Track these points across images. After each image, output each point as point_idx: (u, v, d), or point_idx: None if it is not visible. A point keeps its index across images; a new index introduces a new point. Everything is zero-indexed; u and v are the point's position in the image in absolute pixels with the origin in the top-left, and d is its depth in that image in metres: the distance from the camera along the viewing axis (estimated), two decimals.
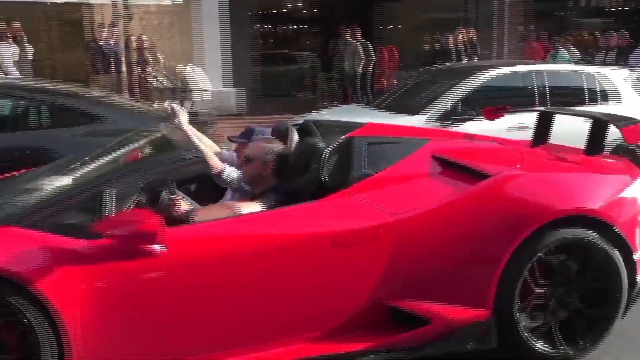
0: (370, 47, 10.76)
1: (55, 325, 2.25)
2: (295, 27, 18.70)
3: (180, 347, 2.47)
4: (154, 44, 9.80)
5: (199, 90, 9.48)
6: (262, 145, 3.06)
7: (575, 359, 2.82)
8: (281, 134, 3.24)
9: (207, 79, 9.82)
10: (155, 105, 5.98)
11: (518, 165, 2.91)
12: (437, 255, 2.69)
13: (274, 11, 17.22)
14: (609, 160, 3.32)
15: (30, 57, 9.26)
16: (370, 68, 10.80)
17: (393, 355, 2.67)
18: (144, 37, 9.23)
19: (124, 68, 7.98)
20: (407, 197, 2.76)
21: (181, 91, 9.49)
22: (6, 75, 8.42)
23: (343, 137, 2.98)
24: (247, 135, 3.32)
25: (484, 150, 3.24)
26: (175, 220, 2.60)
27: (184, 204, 2.77)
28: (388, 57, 11.52)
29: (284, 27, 18.80)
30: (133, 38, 9.01)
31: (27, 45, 9.22)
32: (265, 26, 17.38)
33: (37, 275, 2.24)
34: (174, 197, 2.75)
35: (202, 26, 10.81)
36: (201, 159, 2.90)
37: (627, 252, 2.87)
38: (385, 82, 11.07)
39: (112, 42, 8.77)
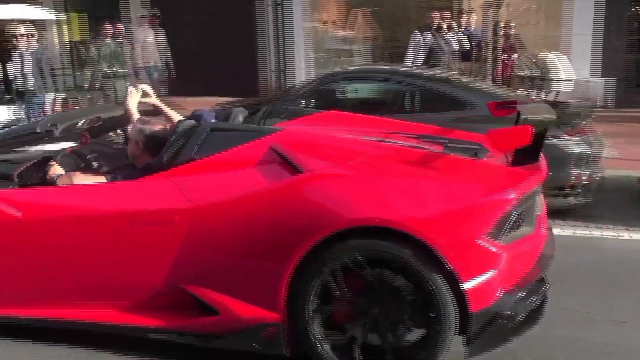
0: None
1: None
2: None
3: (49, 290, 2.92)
4: (518, 31, 9.64)
5: (559, 80, 8.96)
6: (137, 126, 3.29)
7: None
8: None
9: (572, 69, 9.21)
10: None
11: (349, 163, 2.69)
12: (228, 248, 2.62)
13: None
14: (498, 170, 2.78)
15: None
16: None
17: (183, 339, 2.72)
18: (512, 24, 9.11)
19: (489, 54, 8.01)
20: (214, 185, 2.70)
21: (539, 79, 9.11)
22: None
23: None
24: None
25: (332, 144, 2.89)
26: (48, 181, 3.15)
27: (56, 169, 3.23)
28: None
29: None
30: (501, 24, 8.98)
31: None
32: None
33: None
34: (52, 162, 3.27)
35: (574, 10, 10.17)
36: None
37: (451, 279, 2.42)
38: None
39: (471, 28, 8.96)
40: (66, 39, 13.54)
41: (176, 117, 3.77)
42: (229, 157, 2.85)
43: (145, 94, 4.02)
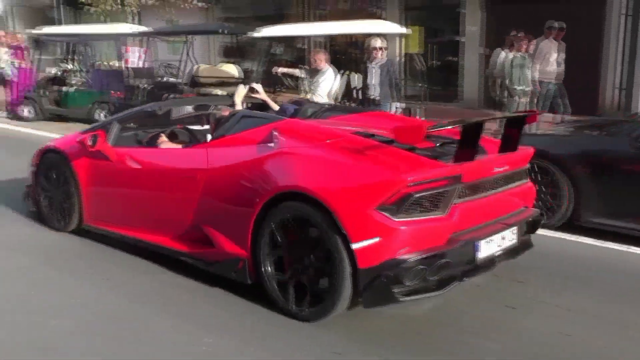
0: None
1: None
2: None
3: (124, 214, 4.67)
4: None
5: None
6: (213, 112, 5.02)
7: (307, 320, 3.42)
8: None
9: None
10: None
11: (306, 146, 3.67)
12: (222, 199, 3.87)
13: None
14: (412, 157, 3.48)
15: None
16: None
17: (196, 262, 4.01)
18: None
19: None
20: (225, 154, 3.97)
21: None
22: None
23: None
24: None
25: (310, 132, 3.84)
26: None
27: (162, 138, 4.91)
28: None
29: None
30: None
31: None
32: None
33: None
34: (160, 133, 4.99)
35: None
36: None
37: (344, 239, 3.24)
38: None
39: None
40: (404, 51, 14.45)
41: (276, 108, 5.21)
42: (244, 136, 4.04)
43: (253, 90, 5.47)
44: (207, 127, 5.16)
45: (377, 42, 7.49)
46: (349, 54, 10.54)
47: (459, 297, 3.86)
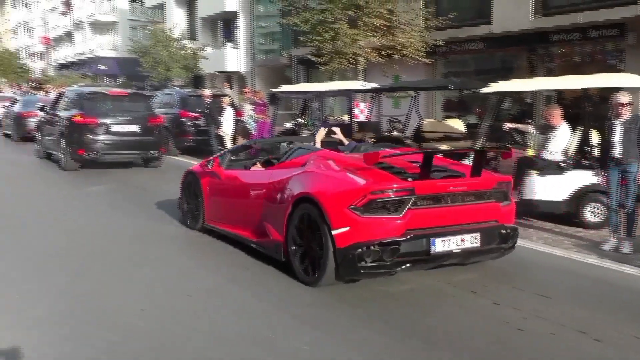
0: None
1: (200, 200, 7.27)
2: None
3: (226, 216, 6.82)
4: None
5: None
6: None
7: (310, 284, 5.28)
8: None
9: None
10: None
11: (322, 167, 5.67)
12: (273, 203, 5.88)
13: None
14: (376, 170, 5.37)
15: None
16: None
17: (261, 249, 6.04)
18: None
19: None
20: (280, 173, 6.00)
21: None
22: None
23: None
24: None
25: (333, 159, 5.82)
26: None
27: (258, 165, 7.03)
28: None
29: None
30: None
31: None
32: None
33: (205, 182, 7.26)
34: (255, 161, 7.41)
35: None
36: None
37: (328, 228, 5.07)
38: None
39: None
40: None
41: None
42: (294, 161, 6.08)
43: (332, 132, 7.98)
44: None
45: (623, 98, 6.91)
46: (581, 109, 9.94)
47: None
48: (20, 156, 15.93)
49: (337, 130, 8.02)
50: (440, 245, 5.08)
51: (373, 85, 12.84)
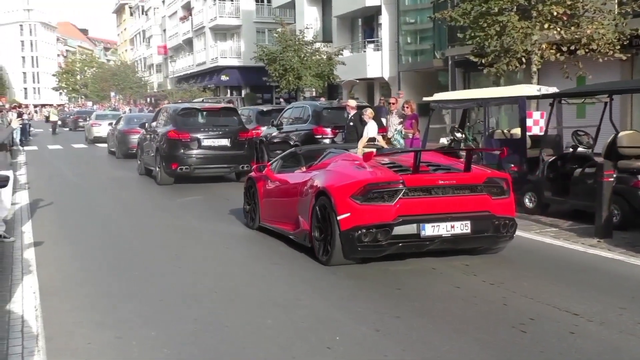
0: None
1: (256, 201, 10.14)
2: None
3: (274, 214, 9.51)
4: None
5: None
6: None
7: (325, 264, 7.76)
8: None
9: None
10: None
11: (338, 165, 8.37)
12: (304, 197, 8.38)
13: None
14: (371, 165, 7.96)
15: None
16: None
17: (294, 238, 8.71)
18: None
19: None
20: (313, 173, 8.53)
21: None
22: None
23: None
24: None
25: (352, 159, 8.54)
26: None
27: (303, 168, 9.47)
28: None
29: None
30: None
31: None
32: None
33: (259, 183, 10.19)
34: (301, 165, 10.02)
35: None
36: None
37: (334, 212, 7.47)
38: None
39: None
40: None
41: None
42: (324, 162, 8.75)
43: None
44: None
45: None
46: None
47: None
48: (122, 172, 19.53)
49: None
50: (430, 229, 7.31)
51: (552, 89, 12.46)
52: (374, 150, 9.58)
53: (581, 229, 9.73)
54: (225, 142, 15.88)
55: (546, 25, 16.15)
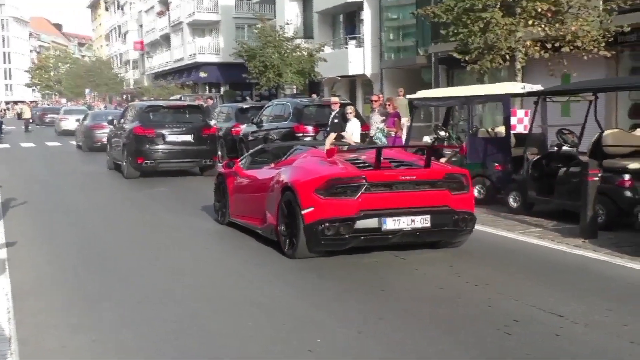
0: None
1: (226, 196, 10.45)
2: None
3: (243, 209, 9.89)
4: None
5: None
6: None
7: (291, 257, 8.14)
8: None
9: None
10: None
11: (303, 161, 8.82)
12: (271, 192, 8.75)
13: None
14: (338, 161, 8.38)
15: None
16: None
17: (261, 232, 9.11)
18: None
19: None
20: (280, 169, 8.86)
21: None
22: None
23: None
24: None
25: (320, 152, 9.04)
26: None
27: (272, 165, 9.83)
28: None
29: None
30: None
31: None
32: None
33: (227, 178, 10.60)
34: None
35: None
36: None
37: (299, 206, 7.82)
38: None
39: None
40: None
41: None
42: (291, 159, 9.10)
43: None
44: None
45: None
46: None
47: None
48: (93, 167, 20.65)
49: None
50: (391, 223, 7.72)
51: (536, 87, 12.54)
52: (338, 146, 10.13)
53: (566, 229, 9.79)
54: (188, 137, 17.04)
55: (530, 22, 16.22)
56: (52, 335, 5.63)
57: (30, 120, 47.69)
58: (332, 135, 11.56)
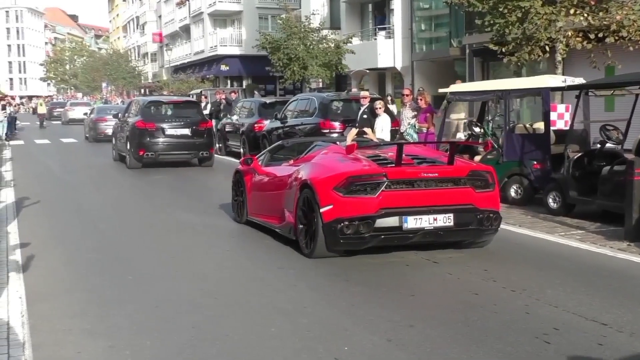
0: None
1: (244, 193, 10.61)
2: None
3: (261, 207, 10.02)
4: None
5: None
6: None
7: (309, 256, 8.33)
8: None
9: None
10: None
11: (324, 157, 8.95)
12: (289, 190, 8.93)
13: None
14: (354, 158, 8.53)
15: None
16: None
17: (282, 231, 9.20)
18: None
19: None
20: (300, 165, 9.08)
21: None
22: None
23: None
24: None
25: (340, 148, 9.28)
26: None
27: (291, 161, 10.01)
28: None
29: None
30: None
31: None
32: None
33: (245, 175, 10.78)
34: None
35: None
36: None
37: (317, 204, 7.96)
38: None
39: None
40: None
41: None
42: (310, 155, 9.38)
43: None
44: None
45: None
46: None
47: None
48: (99, 159, 22.80)
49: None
50: (412, 222, 7.78)
51: (578, 80, 12.42)
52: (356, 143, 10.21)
53: (610, 231, 9.70)
54: (186, 131, 19.16)
55: (572, 11, 16.08)
56: (67, 341, 5.68)
57: (46, 117, 48.34)
58: (354, 131, 11.89)
